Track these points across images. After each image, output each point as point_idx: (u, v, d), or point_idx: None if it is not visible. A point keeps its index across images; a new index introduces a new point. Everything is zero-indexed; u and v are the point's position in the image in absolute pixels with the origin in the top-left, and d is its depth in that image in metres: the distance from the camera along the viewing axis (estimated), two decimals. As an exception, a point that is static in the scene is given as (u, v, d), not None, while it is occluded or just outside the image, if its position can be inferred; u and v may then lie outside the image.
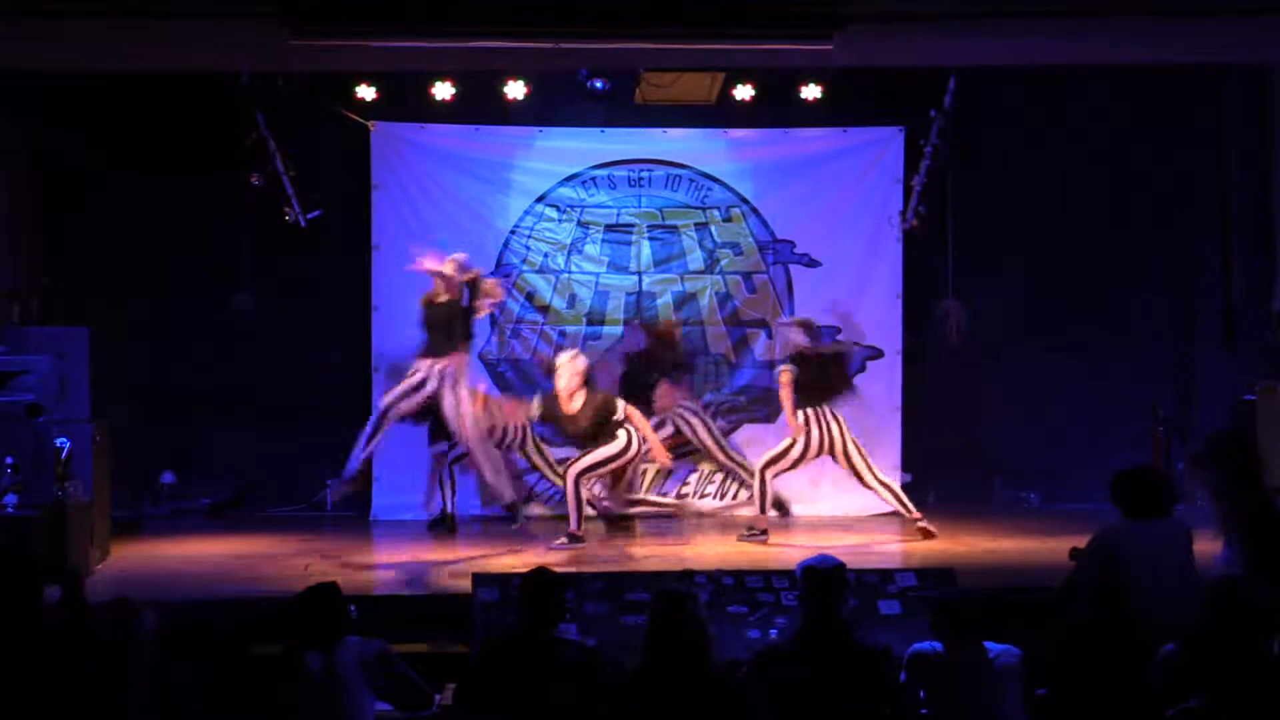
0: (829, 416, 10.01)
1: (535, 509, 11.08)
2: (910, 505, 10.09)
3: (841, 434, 10.00)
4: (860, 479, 10.09)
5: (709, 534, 10.46)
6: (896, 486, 10.26)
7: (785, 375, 10.04)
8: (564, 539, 9.62)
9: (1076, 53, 9.12)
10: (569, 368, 10.01)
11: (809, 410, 9.99)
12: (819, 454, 10.04)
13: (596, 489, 10.21)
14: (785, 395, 10.01)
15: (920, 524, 9.94)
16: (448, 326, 9.67)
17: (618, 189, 11.65)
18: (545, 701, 5.45)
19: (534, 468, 11.00)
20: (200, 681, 6.01)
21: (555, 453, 10.82)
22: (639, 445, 9.89)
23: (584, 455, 9.84)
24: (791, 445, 9.99)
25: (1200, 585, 5.76)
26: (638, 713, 5.23)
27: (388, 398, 9.64)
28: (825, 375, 10.10)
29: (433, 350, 9.65)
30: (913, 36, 8.23)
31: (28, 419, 8.59)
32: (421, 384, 9.54)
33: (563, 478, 10.02)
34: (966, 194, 11.64)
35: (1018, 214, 11.93)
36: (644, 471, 11.01)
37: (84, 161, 11.24)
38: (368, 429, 9.52)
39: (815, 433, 9.96)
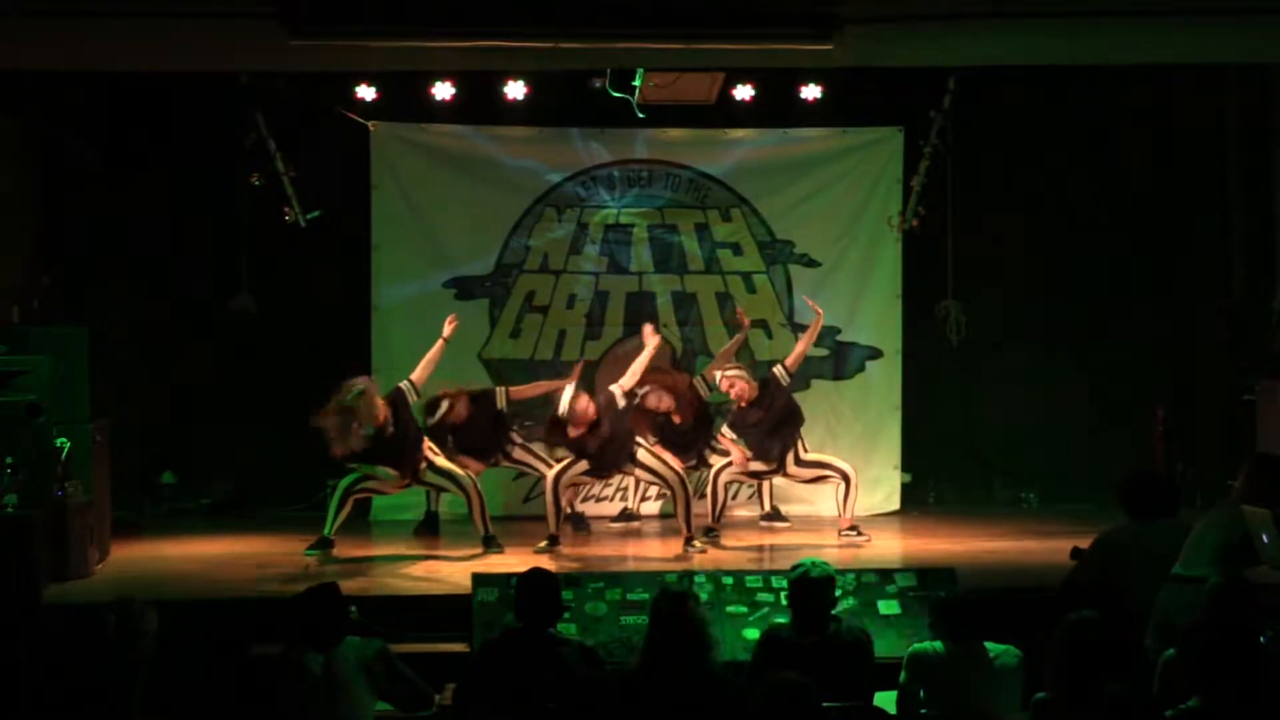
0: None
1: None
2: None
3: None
4: None
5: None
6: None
7: None
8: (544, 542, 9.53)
9: (1076, 53, 9.11)
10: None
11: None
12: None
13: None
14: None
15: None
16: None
17: (617, 189, 11.64)
18: (545, 701, 5.45)
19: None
20: (200, 681, 6.02)
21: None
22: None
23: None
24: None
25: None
26: (638, 713, 5.23)
27: None
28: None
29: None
30: (913, 36, 8.21)
31: (28, 419, 8.58)
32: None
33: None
34: (966, 194, 11.65)
35: (1017, 214, 11.93)
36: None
37: (84, 161, 11.23)
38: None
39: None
